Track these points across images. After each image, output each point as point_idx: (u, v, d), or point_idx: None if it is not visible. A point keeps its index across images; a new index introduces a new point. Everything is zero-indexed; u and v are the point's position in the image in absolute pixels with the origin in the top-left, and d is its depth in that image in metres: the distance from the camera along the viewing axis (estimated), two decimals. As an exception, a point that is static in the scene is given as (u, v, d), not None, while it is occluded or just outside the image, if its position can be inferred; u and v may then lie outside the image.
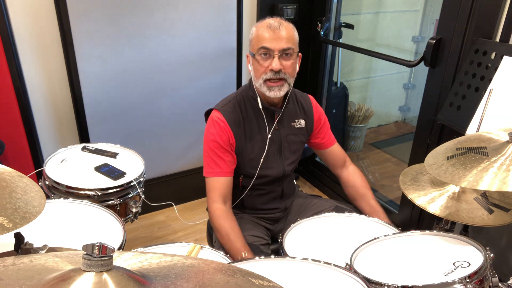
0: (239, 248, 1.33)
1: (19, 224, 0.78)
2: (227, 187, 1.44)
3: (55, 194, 1.49)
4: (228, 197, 1.45)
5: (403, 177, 1.38)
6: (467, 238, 1.15)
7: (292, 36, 1.34)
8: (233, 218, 1.42)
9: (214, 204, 1.42)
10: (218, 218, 1.40)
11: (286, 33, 1.31)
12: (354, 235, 1.32)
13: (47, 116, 2.12)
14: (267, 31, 1.31)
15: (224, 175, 1.43)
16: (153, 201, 1.76)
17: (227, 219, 1.40)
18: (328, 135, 1.61)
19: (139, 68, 2.18)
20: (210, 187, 1.44)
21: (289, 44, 1.32)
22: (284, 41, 1.31)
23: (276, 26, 1.31)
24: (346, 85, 3.08)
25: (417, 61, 1.93)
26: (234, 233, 1.37)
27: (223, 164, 1.42)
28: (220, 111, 1.43)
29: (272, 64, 1.31)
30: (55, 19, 1.95)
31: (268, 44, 1.31)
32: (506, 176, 0.98)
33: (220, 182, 1.43)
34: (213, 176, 1.43)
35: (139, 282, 0.51)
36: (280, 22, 1.33)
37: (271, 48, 1.31)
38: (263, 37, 1.31)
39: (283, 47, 1.31)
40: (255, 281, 0.58)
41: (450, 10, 1.75)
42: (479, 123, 1.41)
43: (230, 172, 1.45)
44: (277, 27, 1.31)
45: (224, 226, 1.38)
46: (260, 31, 1.33)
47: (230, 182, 1.45)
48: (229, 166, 1.44)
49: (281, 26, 1.32)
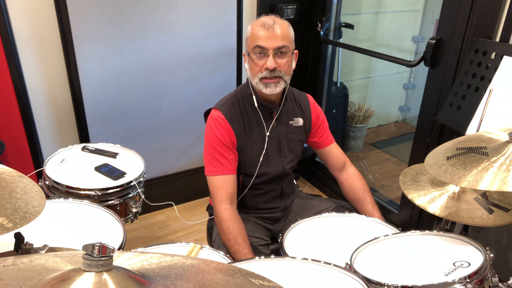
0: (247, 254, 1.33)
1: (19, 224, 0.78)
2: (232, 185, 1.43)
3: (55, 194, 1.49)
4: (234, 197, 1.44)
5: (403, 177, 1.38)
6: (467, 238, 1.15)
7: (287, 33, 1.34)
8: (241, 222, 1.40)
9: (222, 204, 1.40)
10: (227, 220, 1.38)
11: (280, 31, 1.32)
12: (354, 235, 1.32)
13: (47, 116, 2.12)
14: (261, 30, 1.31)
15: (228, 172, 1.42)
16: (153, 201, 1.76)
17: (236, 221, 1.38)
18: (326, 134, 1.61)
19: (139, 68, 2.18)
20: (215, 186, 1.42)
21: (283, 42, 1.32)
22: (279, 39, 1.31)
23: (270, 24, 1.31)
24: (346, 85, 3.08)
25: (417, 61, 1.93)
26: (242, 238, 1.35)
27: (226, 162, 1.42)
28: (219, 109, 1.44)
29: (267, 63, 1.32)
30: (55, 19, 1.95)
31: (263, 43, 1.31)
32: (506, 176, 0.98)
33: (226, 181, 1.42)
34: (216, 175, 1.42)
35: (139, 282, 0.51)
36: (274, 20, 1.33)
37: (265, 47, 1.31)
38: (258, 35, 1.32)
39: (278, 45, 1.31)
40: (255, 281, 0.58)
41: (450, 10, 1.75)
42: (479, 123, 1.41)
43: (234, 170, 1.44)
44: (271, 26, 1.31)
45: (233, 229, 1.36)
46: (254, 29, 1.33)
47: (234, 180, 1.44)
48: (232, 164, 1.43)
49: (275, 24, 1.32)
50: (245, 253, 1.33)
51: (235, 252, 1.34)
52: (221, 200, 1.40)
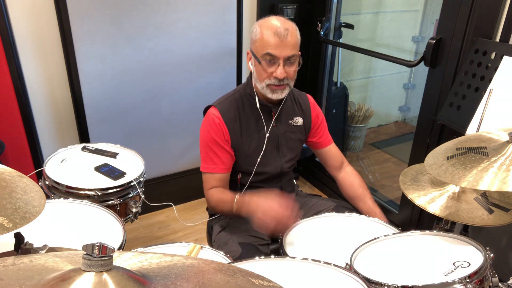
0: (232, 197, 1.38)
1: (19, 224, 0.78)
2: (223, 183, 1.48)
3: (55, 194, 1.49)
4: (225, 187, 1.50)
5: (403, 177, 1.38)
6: (467, 238, 1.15)
7: (297, 42, 1.34)
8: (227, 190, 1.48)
9: (210, 190, 1.47)
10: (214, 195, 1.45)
11: (292, 41, 1.31)
12: (354, 235, 1.32)
13: (47, 116, 2.12)
14: (273, 38, 1.29)
15: (218, 171, 1.45)
16: (153, 201, 1.76)
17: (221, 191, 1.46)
18: (325, 134, 1.62)
19: (139, 68, 2.18)
20: (205, 181, 1.49)
21: (293, 51, 1.32)
22: (289, 49, 1.31)
23: (283, 34, 1.29)
24: (346, 85, 3.08)
25: (417, 61, 1.93)
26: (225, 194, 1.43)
27: (217, 160, 1.44)
28: (217, 107, 1.45)
29: (277, 72, 1.32)
30: (55, 19, 1.95)
31: (274, 51, 1.30)
32: (506, 176, 0.98)
33: (215, 178, 1.46)
34: (208, 172, 1.47)
35: (139, 282, 0.51)
36: (286, 29, 1.30)
37: (276, 56, 1.31)
38: (269, 43, 1.30)
39: (288, 54, 1.31)
40: (255, 281, 0.58)
41: (450, 10, 1.75)
42: (479, 123, 1.41)
43: (226, 168, 1.46)
44: (285, 36, 1.29)
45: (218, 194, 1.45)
46: (266, 35, 1.31)
47: (225, 178, 1.48)
48: (224, 162, 1.45)
49: (288, 33, 1.30)
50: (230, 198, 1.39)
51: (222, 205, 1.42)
52: (208, 188, 1.48)
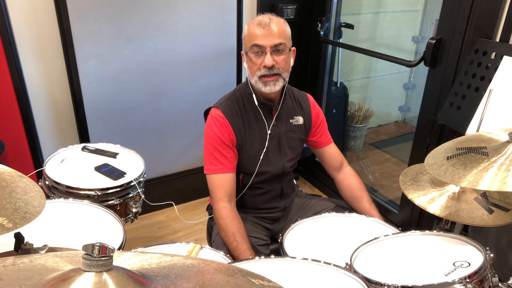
0: (245, 250, 1.33)
1: (19, 224, 0.78)
2: (230, 184, 1.44)
3: (55, 194, 1.49)
4: (233, 195, 1.45)
5: (403, 177, 1.38)
6: (467, 238, 1.15)
7: (284, 31, 1.35)
8: (239, 219, 1.41)
9: (220, 202, 1.41)
10: (225, 218, 1.39)
11: (277, 29, 1.33)
12: (354, 235, 1.32)
13: (47, 116, 2.12)
14: (257, 28, 1.32)
15: (226, 171, 1.43)
16: (153, 201, 1.76)
17: (234, 219, 1.39)
18: (325, 134, 1.62)
19: (139, 68, 2.18)
20: (214, 184, 1.43)
21: (280, 39, 1.33)
22: (276, 37, 1.32)
23: (267, 22, 1.32)
24: (346, 85, 3.08)
25: (417, 61, 1.93)
26: (241, 234, 1.36)
27: (225, 160, 1.42)
28: (219, 108, 1.44)
29: (265, 61, 1.33)
30: (55, 19, 1.95)
31: (260, 41, 1.32)
32: (506, 176, 0.98)
33: (224, 179, 1.42)
34: (215, 173, 1.43)
35: (139, 282, 0.51)
36: (270, 18, 1.34)
37: (262, 45, 1.32)
38: (255, 34, 1.33)
39: (275, 42, 1.32)
40: (255, 281, 0.58)
41: (450, 10, 1.75)
42: (479, 123, 1.42)
43: (233, 168, 1.45)
44: (268, 23, 1.32)
45: (232, 227, 1.37)
46: (251, 28, 1.35)
47: (233, 179, 1.45)
48: (231, 162, 1.44)
49: (271, 22, 1.33)
50: (244, 250, 1.33)
51: (234, 249, 1.35)
52: (220, 199, 1.41)
